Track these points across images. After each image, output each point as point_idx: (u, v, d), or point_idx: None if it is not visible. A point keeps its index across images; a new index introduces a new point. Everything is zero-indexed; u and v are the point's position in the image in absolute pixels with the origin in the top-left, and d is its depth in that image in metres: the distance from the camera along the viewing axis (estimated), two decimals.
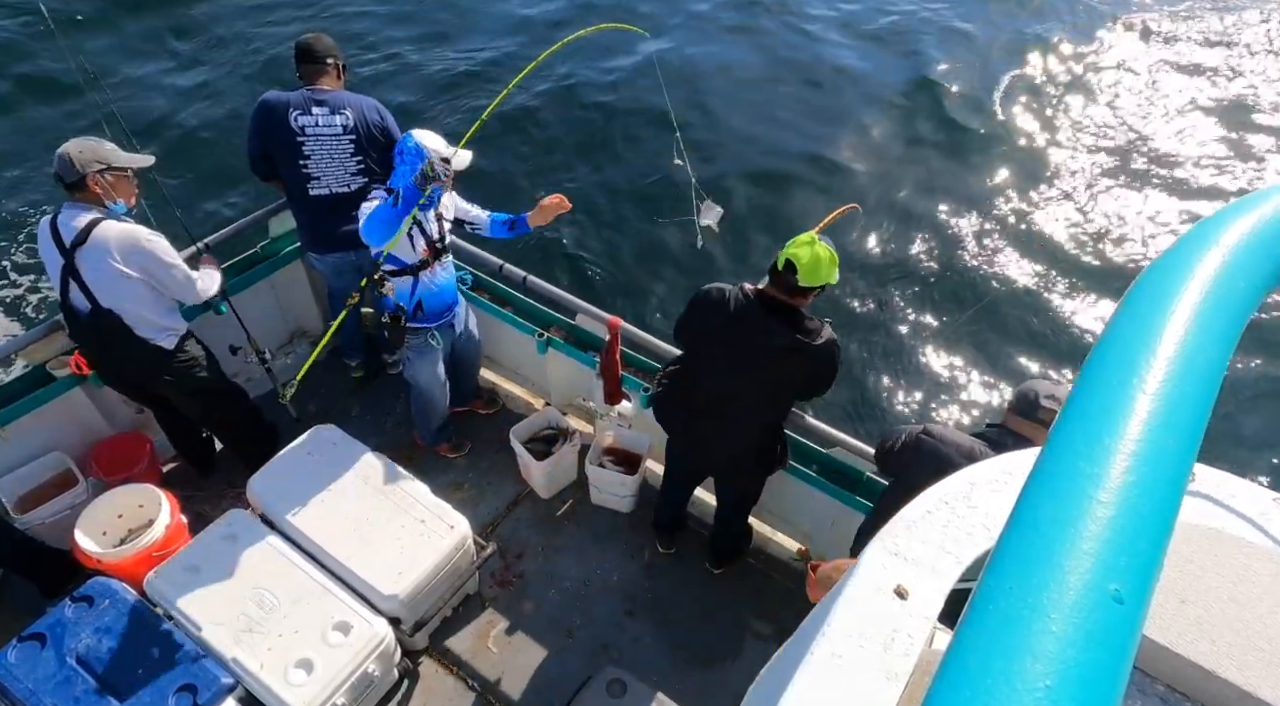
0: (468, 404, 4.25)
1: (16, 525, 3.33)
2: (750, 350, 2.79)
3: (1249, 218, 0.80)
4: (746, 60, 8.58)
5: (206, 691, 2.61)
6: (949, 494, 1.17)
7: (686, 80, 8.09)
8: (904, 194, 7.16)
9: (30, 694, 2.57)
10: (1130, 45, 9.29)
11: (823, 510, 3.51)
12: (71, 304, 3.15)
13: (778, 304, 2.76)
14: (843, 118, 7.92)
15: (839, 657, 0.97)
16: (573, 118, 7.70)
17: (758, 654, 3.43)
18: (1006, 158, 7.63)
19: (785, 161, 7.35)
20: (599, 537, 3.81)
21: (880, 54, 8.96)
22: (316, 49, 3.64)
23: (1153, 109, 8.30)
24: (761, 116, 7.83)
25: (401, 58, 8.46)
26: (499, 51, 8.55)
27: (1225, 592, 1.02)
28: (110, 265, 3.05)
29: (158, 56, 8.28)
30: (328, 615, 2.86)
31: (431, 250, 3.34)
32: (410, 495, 3.24)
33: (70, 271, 3.06)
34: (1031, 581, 0.52)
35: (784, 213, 6.84)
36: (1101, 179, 7.41)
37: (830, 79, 8.43)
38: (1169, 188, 7.35)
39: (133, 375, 3.42)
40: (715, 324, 2.84)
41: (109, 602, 2.80)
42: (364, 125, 3.63)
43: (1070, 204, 7.17)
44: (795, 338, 2.72)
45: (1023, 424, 2.53)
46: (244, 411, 3.77)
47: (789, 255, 2.66)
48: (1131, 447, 0.59)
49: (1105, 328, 0.72)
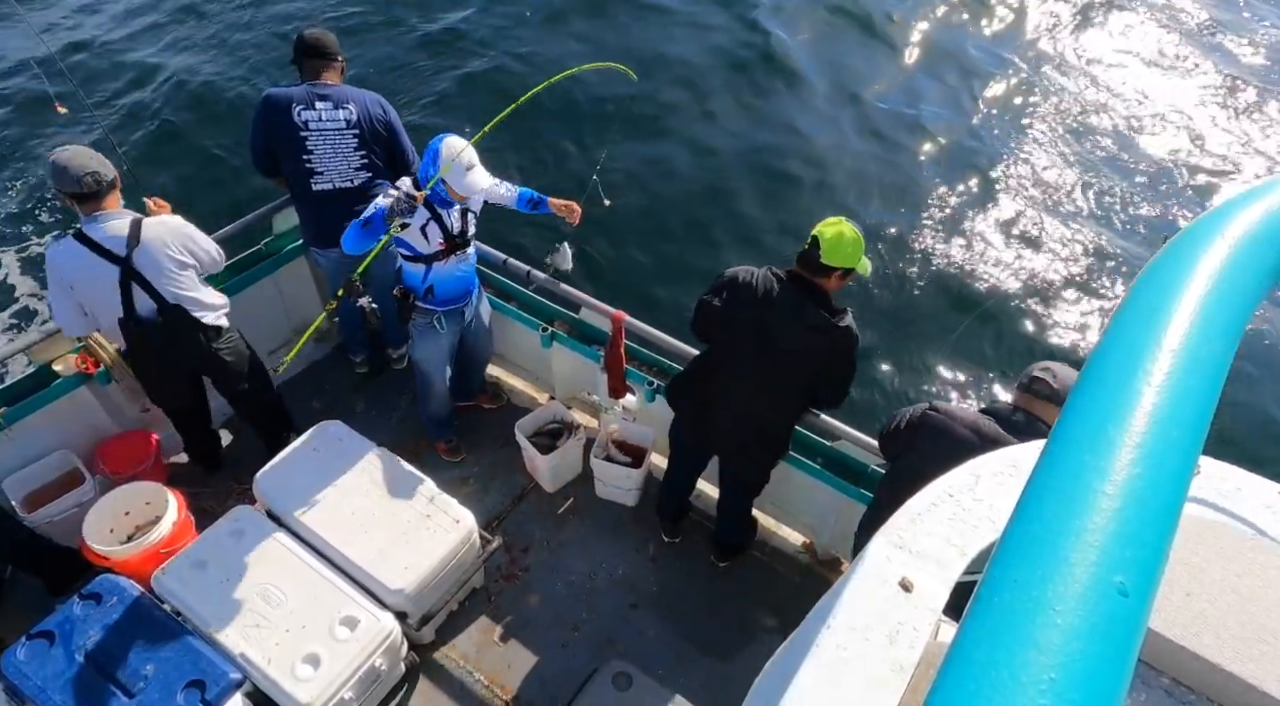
0: (473, 398, 4.25)
1: (26, 523, 3.34)
2: (779, 329, 2.82)
3: (1254, 209, 0.80)
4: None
5: (215, 686, 2.63)
6: (954, 486, 1.17)
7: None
8: (903, 195, 7.13)
9: (40, 691, 2.59)
10: (1123, 39, 9.24)
11: (827, 503, 3.52)
12: (136, 312, 3.12)
13: (805, 283, 2.83)
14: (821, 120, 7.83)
15: (844, 650, 0.98)
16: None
17: (763, 647, 3.44)
18: (999, 157, 7.60)
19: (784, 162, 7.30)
20: (604, 531, 3.82)
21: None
22: (323, 44, 3.63)
23: (1155, 102, 8.27)
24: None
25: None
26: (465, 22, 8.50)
27: (1230, 586, 1.02)
28: (170, 257, 3.08)
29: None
30: (335, 610, 2.88)
31: (449, 244, 3.32)
32: (416, 490, 3.25)
33: (131, 276, 3.04)
34: (1036, 574, 0.52)
35: (790, 205, 6.82)
36: (1098, 177, 7.38)
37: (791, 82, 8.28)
38: (1167, 187, 7.32)
39: (195, 366, 3.43)
40: (742, 304, 2.87)
41: (117, 599, 2.82)
42: (367, 120, 3.63)
43: (1068, 204, 7.14)
44: (820, 314, 2.77)
45: (1025, 398, 2.63)
46: (274, 394, 3.87)
47: (815, 233, 2.76)
48: (1137, 440, 0.59)
49: (1110, 320, 0.72)
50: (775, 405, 3.04)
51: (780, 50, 8.34)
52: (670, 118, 7.49)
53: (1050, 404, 2.57)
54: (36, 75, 7.26)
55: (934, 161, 7.46)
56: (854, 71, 8.41)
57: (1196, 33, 9.38)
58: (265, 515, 3.19)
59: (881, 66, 8.60)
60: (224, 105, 7.56)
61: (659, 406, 3.57)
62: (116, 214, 3.02)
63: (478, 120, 7.14)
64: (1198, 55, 8.97)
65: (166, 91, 7.74)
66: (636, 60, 7.53)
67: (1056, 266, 6.54)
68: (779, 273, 2.88)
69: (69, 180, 2.90)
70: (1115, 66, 8.77)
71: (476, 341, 3.88)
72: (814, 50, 8.59)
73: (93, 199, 2.97)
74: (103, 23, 9.00)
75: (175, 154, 7.12)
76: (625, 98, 7.29)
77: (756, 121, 7.63)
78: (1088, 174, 7.38)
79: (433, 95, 7.69)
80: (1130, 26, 9.45)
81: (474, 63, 8.06)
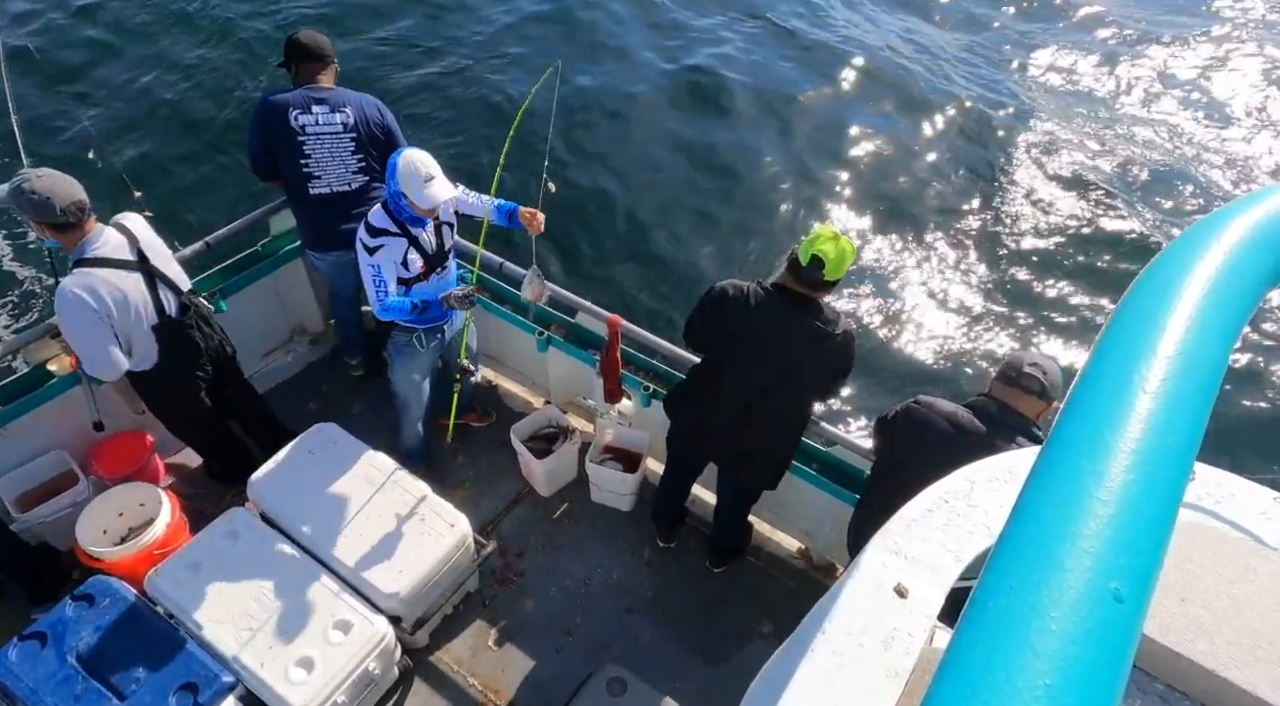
0: (463, 416, 4.13)
1: (18, 523, 3.32)
2: (777, 344, 2.80)
3: (1249, 216, 0.80)
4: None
5: (207, 690, 2.61)
6: (949, 492, 1.18)
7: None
8: (896, 195, 7.15)
9: (31, 693, 2.57)
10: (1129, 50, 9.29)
11: (823, 508, 3.52)
12: (167, 313, 3.12)
13: (799, 297, 2.78)
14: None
15: (839, 656, 0.97)
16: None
17: (758, 652, 3.43)
18: (992, 156, 7.63)
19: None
20: (599, 536, 3.82)
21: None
22: (316, 46, 3.62)
23: (1157, 108, 8.31)
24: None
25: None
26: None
27: (1225, 591, 1.02)
28: (158, 243, 3.11)
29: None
30: (328, 613, 2.86)
31: (429, 266, 3.28)
32: (411, 493, 3.24)
33: (155, 276, 3.05)
34: (1032, 580, 0.53)
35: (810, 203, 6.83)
36: (1093, 177, 7.40)
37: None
38: (1165, 187, 7.35)
39: (219, 342, 3.42)
40: (736, 320, 2.84)
41: (109, 601, 2.80)
42: (364, 123, 3.63)
43: (1062, 203, 7.16)
44: (817, 326, 2.75)
45: (1006, 391, 2.60)
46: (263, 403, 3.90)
47: (817, 251, 2.65)
48: (1132, 446, 0.59)
49: (1106, 325, 0.72)
50: (786, 416, 3.04)
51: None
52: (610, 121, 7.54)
53: (1038, 400, 2.56)
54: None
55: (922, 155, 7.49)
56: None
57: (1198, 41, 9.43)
58: (259, 517, 3.17)
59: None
60: (220, 106, 7.56)
61: (655, 411, 3.57)
62: (101, 229, 2.95)
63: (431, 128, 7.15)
64: (1206, 60, 9.03)
65: (159, 91, 7.72)
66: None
67: (1056, 266, 6.57)
68: (767, 286, 2.83)
69: (50, 212, 2.74)
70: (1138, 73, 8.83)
71: (455, 359, 3.73)
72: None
73: (78, 227, 2.84)
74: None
75: (176, 154, 7.11)
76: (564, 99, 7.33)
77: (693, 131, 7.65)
78: (1087, 173, 7.41)
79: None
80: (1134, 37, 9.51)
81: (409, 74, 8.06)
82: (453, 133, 7.30)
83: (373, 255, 3.11)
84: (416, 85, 7.80)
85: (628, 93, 7.86)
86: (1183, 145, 7.91)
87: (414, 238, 3.20)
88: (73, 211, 2.79)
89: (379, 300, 3.18)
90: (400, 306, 3.20)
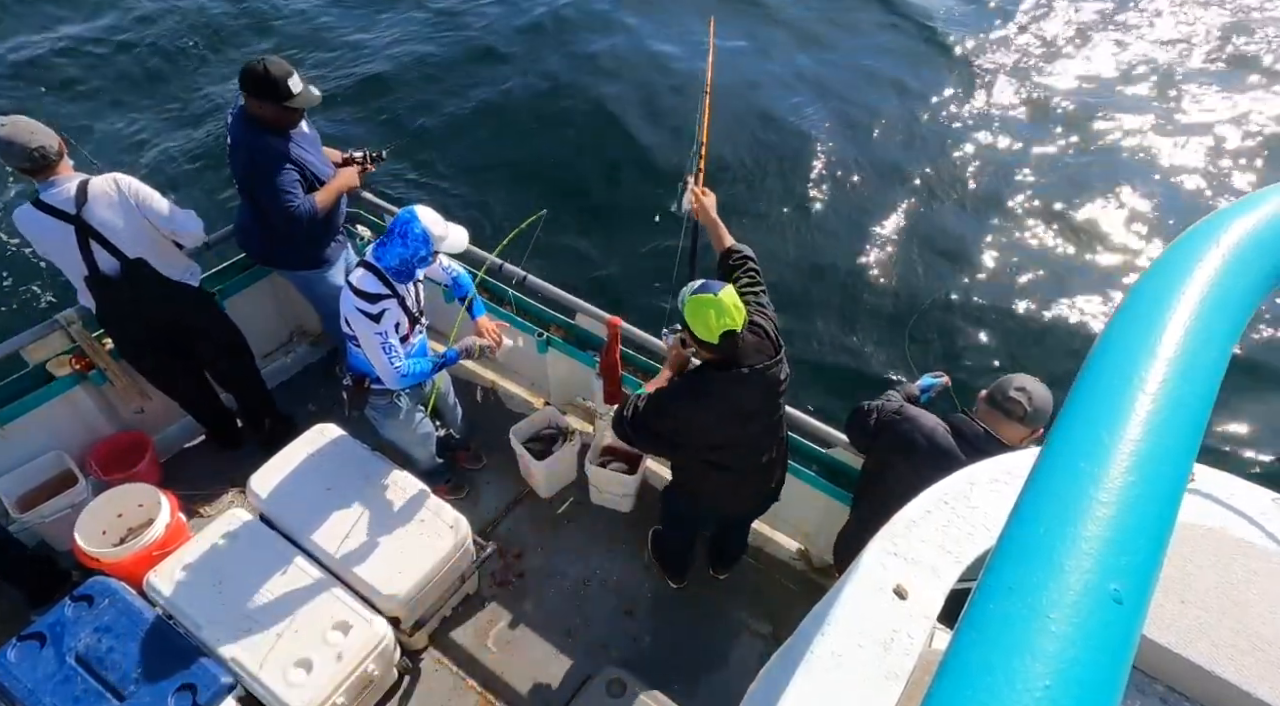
0: (450, 452, 4.01)
1: (17, 524, 3.33)
2: (746, 399, 2.70)
3: (1249, 218, 0.80)
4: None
5: (206, 690, 2.61)
6: (948, 493, 1.18)
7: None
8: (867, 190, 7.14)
9: (30, 693, 2.57)
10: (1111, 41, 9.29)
11: (822, 510, 3.51)
12: (100, 269, 3.17)
13: (731, 359, 2.64)
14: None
15: (839, 657, 0.97)
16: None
17: (757, 653, 3.43)
18: (987, 154, 7.63)
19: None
20: (599, 537, 3.81)
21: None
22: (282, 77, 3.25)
23: (1151, 105, 8.31)
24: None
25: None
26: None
27: (1225, 593, 1.02)
28: (121, 208, 3.14)
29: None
30: (327, 614, 2.86)
31: (412, 324, 3.13)
32: (410, 494, 3.24)
33: (88, 233, 3.10)
34: (1031, 581, 0.53)
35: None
36: (1087, 177, 7.41)
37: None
38: (1162, 187, 7.35)
39: (173, 315, 3.45)
40: (707, 411, 2.71)
41: (109, 602, 2.80)
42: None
43: (1053, 203, 7.17)
44: (762, 358, 2.66)
45: (989, 413, 2.60)
46: (256, 370, 3.93)
47: (725, 327, 2.51)
48: (1131, 447, 0.59)
49: (1105, 327, 0.72)
50: (779, 436, 3.00)
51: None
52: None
53: (1020, 425, 2.54)
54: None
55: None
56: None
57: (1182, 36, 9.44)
58: (259, 518, 3.18)
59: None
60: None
61: None
62: (67, 178, 3.09)
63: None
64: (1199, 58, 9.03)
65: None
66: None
67: (1053, 266, 6.57)
68: (707, 376, 2.69)
69: (16, 156, 2.95)
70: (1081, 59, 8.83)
71: (442, 406, 3.66)
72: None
73: (45, 170, 3.04)
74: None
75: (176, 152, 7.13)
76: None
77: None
78: (1083, 173, 7.41)
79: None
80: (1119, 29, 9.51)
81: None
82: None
83: (379, 322, 2.88)
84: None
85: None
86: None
87: (401, 297, 3.01)
88: (36, 157, 2.98)
89: (393, 368, 2.94)
90: (420, 371, 3.02)
